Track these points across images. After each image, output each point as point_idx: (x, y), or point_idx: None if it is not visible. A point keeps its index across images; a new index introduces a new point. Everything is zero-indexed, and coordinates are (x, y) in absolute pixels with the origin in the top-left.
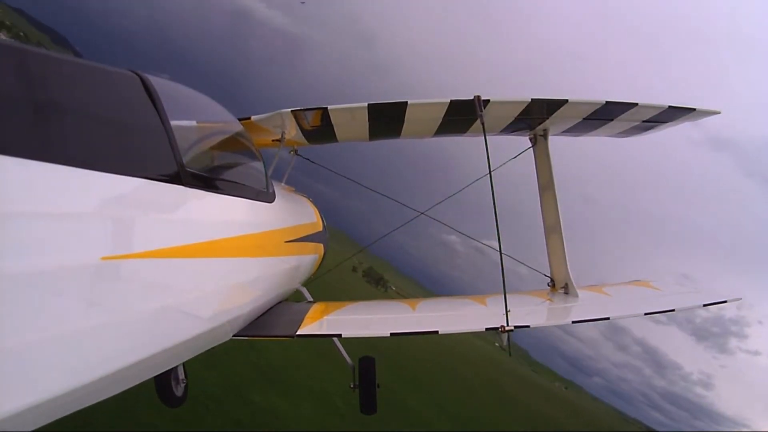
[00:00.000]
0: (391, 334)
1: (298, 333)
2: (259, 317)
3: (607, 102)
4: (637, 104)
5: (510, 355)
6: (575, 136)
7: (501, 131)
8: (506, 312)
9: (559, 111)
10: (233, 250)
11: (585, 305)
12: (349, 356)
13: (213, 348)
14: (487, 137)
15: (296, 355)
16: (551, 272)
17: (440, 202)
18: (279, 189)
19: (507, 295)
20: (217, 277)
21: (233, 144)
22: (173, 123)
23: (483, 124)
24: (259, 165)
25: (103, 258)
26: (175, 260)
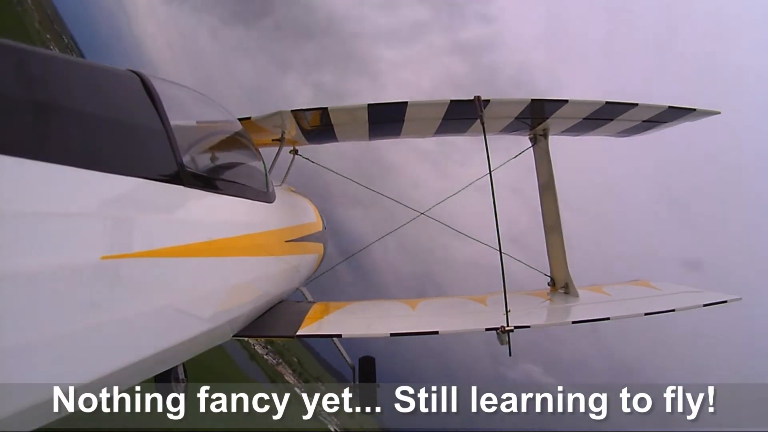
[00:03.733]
0: (392, 334)
1: (298, 333)
2: (259, 317)
3: (607, 102)
4: (637, 104)
5: (510, 355)
6: (575, 136)
7: (501, 131)
8: (506, 312)
9: (559, 111)
10: (233, 250)
11: (585, 305)
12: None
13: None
14: (487, 137)
15: None
16: (551, 272)
17: (440, 203)
18: (279, 189)
19: (507, 295)
20: (217, 277)
21: (233, 144)
22: (173, 123)
23: (483, 124)
24: (259, 165)
25: (103, 257)
26: (175, 260)
